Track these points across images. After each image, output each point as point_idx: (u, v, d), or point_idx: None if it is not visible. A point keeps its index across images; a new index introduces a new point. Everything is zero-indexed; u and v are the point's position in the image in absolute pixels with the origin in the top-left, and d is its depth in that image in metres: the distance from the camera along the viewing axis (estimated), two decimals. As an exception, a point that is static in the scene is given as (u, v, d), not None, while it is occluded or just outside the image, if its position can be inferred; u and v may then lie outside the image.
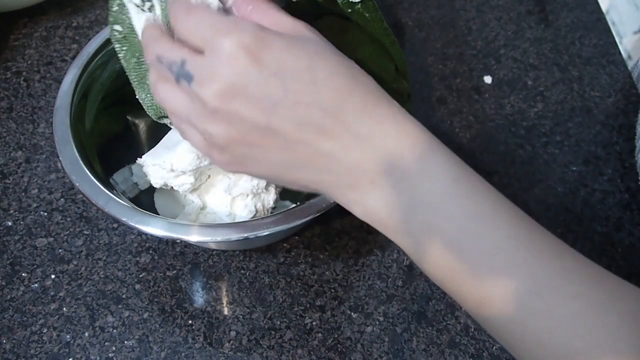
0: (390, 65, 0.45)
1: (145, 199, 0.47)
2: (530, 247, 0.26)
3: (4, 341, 0.43)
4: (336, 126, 0.27)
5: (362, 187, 0.28)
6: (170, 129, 0.44)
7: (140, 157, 0.42)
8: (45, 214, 0.49)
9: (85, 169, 0.39)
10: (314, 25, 0.30)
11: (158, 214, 0.42)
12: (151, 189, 0.46)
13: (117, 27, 0.38)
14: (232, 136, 0.27)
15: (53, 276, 0.46)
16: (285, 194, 0.46)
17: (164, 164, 0.40)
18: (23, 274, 0.46)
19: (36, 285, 0.45)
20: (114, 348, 0.43)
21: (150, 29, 0.31)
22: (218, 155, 0.29)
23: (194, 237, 0.36)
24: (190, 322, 0.44)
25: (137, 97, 0.40)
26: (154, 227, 0.36)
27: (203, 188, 0.44)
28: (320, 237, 0.49)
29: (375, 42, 0.46)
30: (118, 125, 0.49)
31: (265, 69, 0.26)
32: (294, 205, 0.38)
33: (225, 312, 0.45)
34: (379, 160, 0.27)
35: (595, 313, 0.25)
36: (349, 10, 0.42)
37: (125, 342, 0.43)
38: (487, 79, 0.62)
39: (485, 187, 0.28)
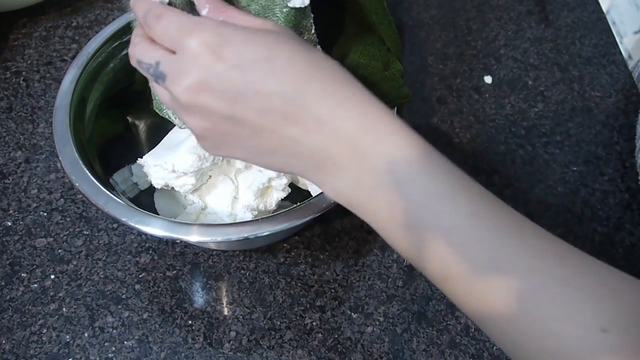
0: (379, 52, 0.45)
1: (145, 199, 0.46)
2: (491, 225, 0.27)
3: (4, 341, 0.43)
4: (298, 111, 0.28)
5: (328, 169, 0.29)
6: (170, 129, 0.44)
7: (141, 158, 0.42)
8: (45, 214, 0.49)
9: (85, 169, 0.39)
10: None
11: (158, 214, 0.42)
12: (151, 189, 0.46)
13: None
14: (205, 127, 0.30)
15: (53, 276, 0.46)
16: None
17: (165, 165, 0.40)
18: (23, 274, 0.46)
19: (36, 285, 0.45)
20: (113, 348, 0.43)
21: (134, 34, 0.33)
22: (200, 141, 0.32)
23: (193, 237, 0.36)
24: (190, 322, 0.44)
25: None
26: (154, 227, 0.36)
27: (204, 189, 0.44)
28: (320, 237, 0.49)
29: (363, 31, 0.46)
30: (118, 126, 0.49)
31: (226, 62, 0.28)
32: (294, 205, 0.38)
33: (225, 313, 0.45)
34: (340, 143, 0.28)
35: (555, 288, 0.26)
36: None
37: (125, 342, 0.43)
38: (487, 79, 0.62)
39: (446, 166, 0.28)
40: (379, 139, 0.28)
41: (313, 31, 0.40)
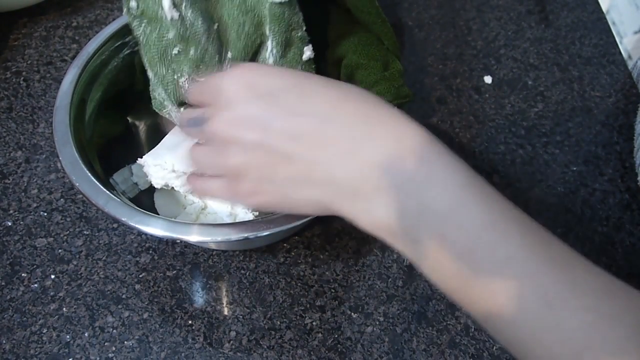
0: (379, 52, 0.45)
1: (145, 199, 0.46)
2: (542, 257, 0.26)
3: (4, 341, 0.43)
4: (331, 133, 0.27)
5: (366, 194, 0.27)
6: (170, 129, 0.44)
7: (141, 158, 0.42)
8: (45, 214, 0.49)
9: (85, 169, 0.39)
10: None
11: (158, 214, 0.42)
12: (151, 189, 0.46)
13: (133, 3, 0.37)
14: (243, 159, 0.29)
15: (53, 276, 0.46)
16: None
17: (165, 165, 0.40)
18: (23, 274, 0.46)
19: (36, 285, 0.45)
20: (113, 348, 0.43)
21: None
22: (240, 187, 0.31)
23: (193, 237, 0.36)
24: (190, 322, 0.44)
25: (152, 76, 0.40)
26: (154, 227, 0.36)
27: (203, 188, 0.44)
28: (320, 237, 0.49)
29: (362, 31, 0.46)
30: (118, 126, 0.49)
31: (258, 91, 0.29)
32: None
33: (225, 312, 0.45)
34: (379, 163, 0.26)
35: (605, 325, 0.25)
36: None
37: (125, 342, 0.43)
38: (487, 79, 0.62)
39: (493, 193, 0.27)
40: (424, 162, 0.26)
41: (304, 28, 0.40)
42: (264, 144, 0.28)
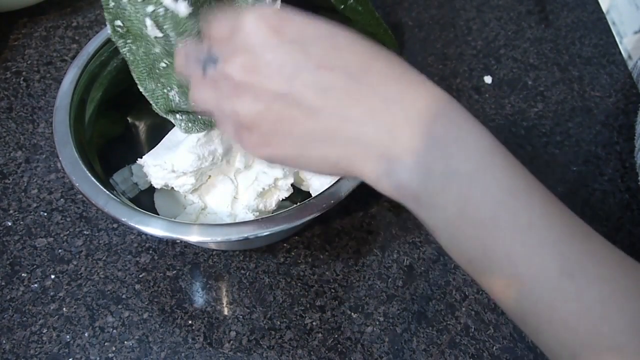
0: None
1: (145, 199, 0.47)
2: (562, 227, 0.25)
3: (4, 341, 0.43)
4: (362, 90, 0.26)
5: (394, 155, 0.26)
6: (170, 129, 0.44)
7: (141, 158, 0.42)
8: (45, 214, 0.49)
9: (85, 169, 0.39)
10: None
11: (158, 214, 0.42)
12: (151, 189, 0.46)
13: (118, 23, 0.38)
14: (257, 109, 0.27)
15: (53, 276, 0.46)
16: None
17: (164, 165, 0.40)
18: (23, 274, 0.46)
19: (36, 285, 0.45)
20: (113, 348, 0.43)
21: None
22: (247, 136, 0.28)
23: (193, 237, 0.36)
24: (190, 322, 0.44)
25: (143, 90, 0.40)
26: (154, 227, 0.36)
27: (204, 188, 0.44)
28: (320, 237, 0.49)
29: (363, 32, 0.47)
30: (118, 126, 0.49)
31: (286, 37, 0.26)
32: (294, 205, 0.38)
33: (225, 312, 0.45)
34: (411, 123, 0.25)
35: (621, 297, 0.24)
36: (342, 7, 0.42)
37: (125, 342, 0.43)
38: (487, 79, 0.62)
39: (516, 161, 0.26)
40: (452, 125, 0.26)
41: None
42: (287, 96, 0.26)
